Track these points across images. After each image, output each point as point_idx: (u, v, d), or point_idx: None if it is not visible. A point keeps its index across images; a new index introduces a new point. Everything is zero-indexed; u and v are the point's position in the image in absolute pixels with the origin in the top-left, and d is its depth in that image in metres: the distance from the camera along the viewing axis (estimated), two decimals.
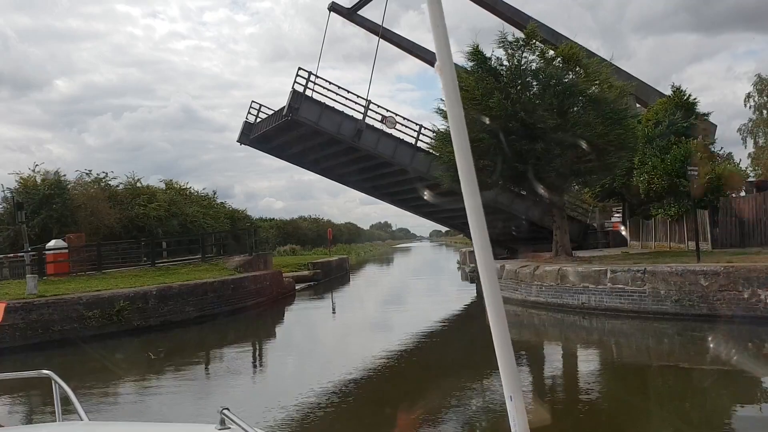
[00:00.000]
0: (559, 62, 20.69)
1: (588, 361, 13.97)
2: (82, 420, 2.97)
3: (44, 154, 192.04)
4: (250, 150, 30.96)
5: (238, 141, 30.07)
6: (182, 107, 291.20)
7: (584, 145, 17.76)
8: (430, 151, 23.62)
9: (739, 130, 45.52)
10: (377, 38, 28.96)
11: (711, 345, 13.42)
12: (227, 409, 2.24)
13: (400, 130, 26.41)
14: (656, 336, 14.72)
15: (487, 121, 17.84)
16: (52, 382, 3.20)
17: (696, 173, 17.23)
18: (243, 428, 2.10)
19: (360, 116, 25.72)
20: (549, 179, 19.78)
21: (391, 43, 31.29)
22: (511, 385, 1.27)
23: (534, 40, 20.63)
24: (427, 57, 31.57)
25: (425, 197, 19.59)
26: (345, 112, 25.82)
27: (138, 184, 38.31)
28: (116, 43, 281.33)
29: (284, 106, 24.94)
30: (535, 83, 20.13)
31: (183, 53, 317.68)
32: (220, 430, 2.25)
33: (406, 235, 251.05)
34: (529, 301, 19.04)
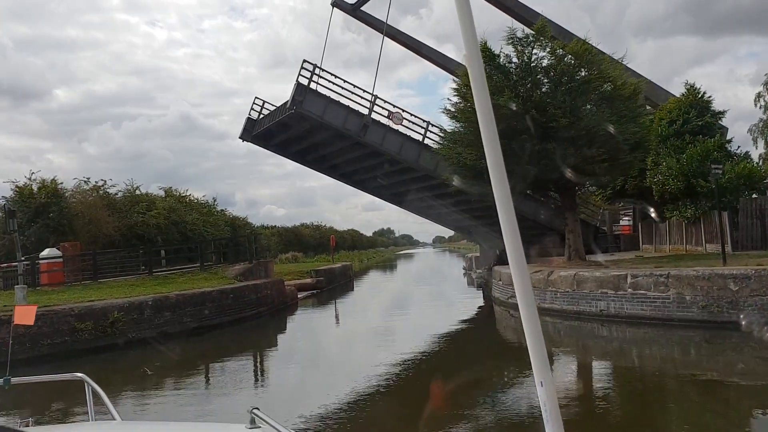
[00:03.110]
0: (570, 59, 19.87)
1: (608, 374, 13.07)
2: (115, 420, 3.06)
3: (44, 164, 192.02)
4: (251, 157, 30.47)
5: (240, 137, 29.39)
6: (182, 115, 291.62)
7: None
8: (440, 152, 22.73)
9: (750, 130, 44.64)
10: (378, 41, 28.22)
11: (743, 355, 12.52)
12: (257, 408, 2.24)
13: (407, 127, 25.65)
14: (682, 345, 13.82)
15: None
16: (85, 384, 3.37)
17: (720, 171, 16.36)
18: (273, 427, 2.09)
19: (366, 111, 24.97)
20: (561, 180, 18.92)
21: (395, 40, 30.53)
22: (541, 372, 1.33)
23: (544, 37, 19.81)
24: (431, 56, 30.82)
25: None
26: (350, 106, 25.07)
27: (137, 192, 37.53)
28: (115, 51, 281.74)
29: (288, 100, 24.18)
30: (545, 81, 19.32)
31: (182, 61, 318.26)
32: (250, 429, 2.23)
33: (409, 241, 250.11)
34: (543, 309, 18.10)
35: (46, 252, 23.90)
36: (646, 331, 14.89)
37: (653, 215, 21.90)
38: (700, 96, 25.83)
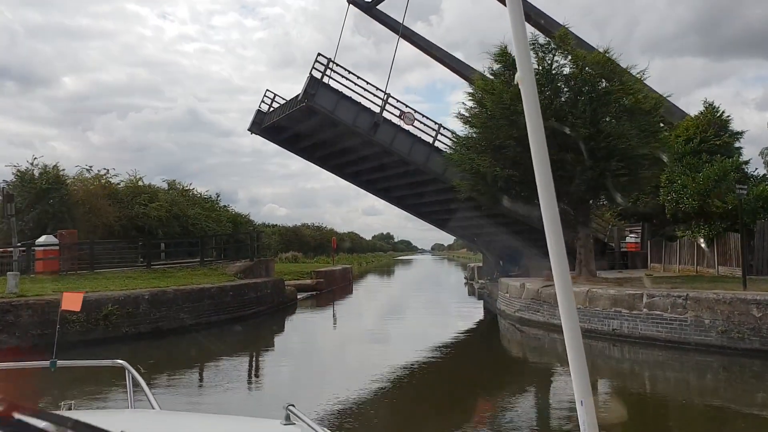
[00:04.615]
0: (591, 69, 19.30)
1: (616, 396, 12.46)
2: (153, 408, 3.09)
3: (48, 151, 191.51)
4: (256, 155, 30.00)
5: (248, 130, 28.96)
6: (189, 110, 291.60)
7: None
8: (451, 156, 22.16)
9: (762, 153, 44.05)
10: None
11: (765, 384, 11.95)
12: (292, 405, 2.22)
13: (418, 128, 25.15)
14: (699, 371, 13.22)
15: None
16: (126, 371, 3.46)
17: (745, 192, 15.77)
18: (308, 425, 2.08)
19: (377, 109, 24.48)
20: (577, 193, 18.35)
21: (409, 41, 29.99)
22: (581, 390, 1.35)
23: (565, 45, 19.26)
24: (445, 59, 30.26)
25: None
26: (362, 103, 24.60)
27: (140, 183, 36.95)
28: (125, 42, 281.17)
29: (299, 93, 23.71)
30: (566, 89, 18.76)
31: (192, 56, 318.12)
32: (285, 425, 2.21)
33: (408, 247, 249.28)
34: (553, 324, 17.52)
35: (42, 239, 23.33)
36: (660, 353, 14.29)
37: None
38: (718, 115, 25.29)
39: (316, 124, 25.08)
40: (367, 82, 24.85)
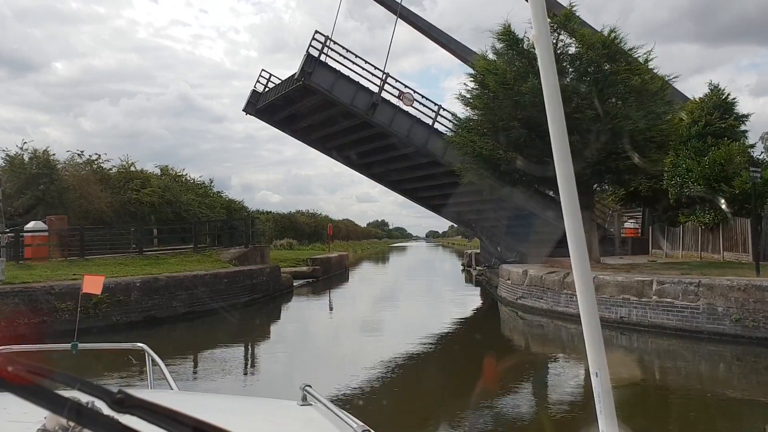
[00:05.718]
0: (597, 48, 18.72)
1: (626, 389, 11.98)
2: (172, 389, 3.26)
3: (40, 137, 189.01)
4: (248, 141, 29.45)
5: (243, 110, 28.38)
6: (181, 95, 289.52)
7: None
8: (452, 139, 21.59)
9: (762, 138, 43.63)
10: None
11: None
12: (309, 386, 2.20)
13: (417, 110, 24.60)
14: (711, 361, 12.76)
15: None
16: (146, 354, 3.60)
17: (759, 175, 15.26)
18: (325, 405, 2.07)
19: (376, 89, 23.94)
20: (582, 177, 17.81)
21: (408, 22, 29.27)
22: (597, 362, 1.34)
23: (570, 23, 18.67)
24: (443, 41, 29.55)
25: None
26: (360, 83, 24.08)
27: (132, 169, 36.29)
28: (117, 27, 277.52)
29: (296, 72, 23.09)
30: (571, 69, 18.18)
31: (183, 40, 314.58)
32: (301, 405, 2.19)
33: (402, 234, 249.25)
34: (557, 312, 17.06)
35: (31, 225, 22.72)
36: (670, 342, 13.82)
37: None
38: (723, 98, 24.77)
39: (312, 103, 24.50)
40: (366, 61, 24.29)
